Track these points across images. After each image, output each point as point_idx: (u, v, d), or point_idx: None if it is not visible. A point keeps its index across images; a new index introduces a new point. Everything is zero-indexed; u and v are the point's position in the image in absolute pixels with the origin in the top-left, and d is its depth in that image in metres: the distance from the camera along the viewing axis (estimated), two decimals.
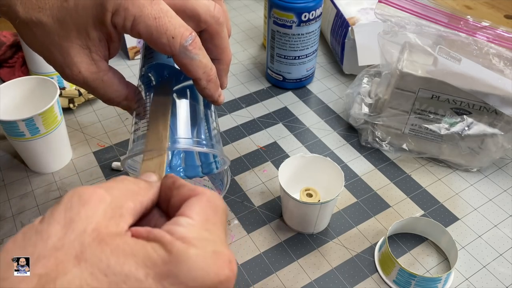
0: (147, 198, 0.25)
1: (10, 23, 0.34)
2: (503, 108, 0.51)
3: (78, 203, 0.22)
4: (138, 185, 0.25)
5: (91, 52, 0.33)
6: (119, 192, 0.23)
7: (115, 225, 0.22)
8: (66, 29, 0.32)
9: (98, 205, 0.22)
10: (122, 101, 0.37)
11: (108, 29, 0.33)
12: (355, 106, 0.62)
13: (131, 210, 0.23)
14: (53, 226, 0.21)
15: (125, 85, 0.37)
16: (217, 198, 0.26)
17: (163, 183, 0.27)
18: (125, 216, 0.23)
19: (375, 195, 0.56)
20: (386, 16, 0.56)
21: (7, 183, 0.58)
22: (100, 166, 0.60)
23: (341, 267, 0.48)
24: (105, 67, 0.35)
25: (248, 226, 0.52)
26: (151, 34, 0.31)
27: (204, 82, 0.35)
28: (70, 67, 0.33)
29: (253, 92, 0.72)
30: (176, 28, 0.32)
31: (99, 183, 0.24)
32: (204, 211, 0.24)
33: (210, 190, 0.26)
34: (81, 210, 0.21)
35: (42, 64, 0.66)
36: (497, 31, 0.54)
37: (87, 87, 0.35)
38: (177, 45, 0.32)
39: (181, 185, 0.26)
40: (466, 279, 0.47)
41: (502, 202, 0.55)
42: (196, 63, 0.33)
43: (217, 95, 0.37)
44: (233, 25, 0.89)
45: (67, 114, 0.67)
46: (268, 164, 0.60)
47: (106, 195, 0.22)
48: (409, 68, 0.54)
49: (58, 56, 0.33)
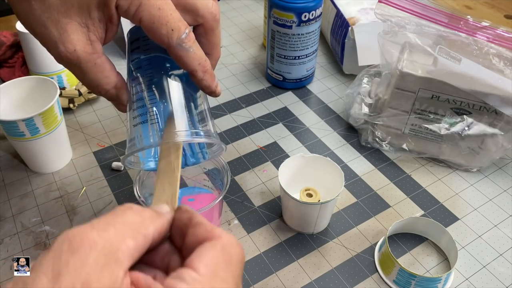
0: (153, 229, 0.23)
1: (10, 23, 0.34)
2: (503, 108, 0.51)
3: (67, 252, 0.20)
4: (142, 215, 0.23)
5: (89, 31, 0.33)
6: (115, 230, 0.21)
7: (109, 275, 0.20)
8: (68, 5, 0.32)
9: (89, 253, 0.20)
10: (111, 89, 0.36)
11: (110, 11, 0.33)
12: (355, 106, 0.62)
13: (129, 250, 0.21)
14: (40, 279, 0.19)
15: (115, 73, 0.36)
16: (234, 246, 0.23)
17: (179, 219, 0.25)
18: (121, 261, 0.21)
19: (375, 195, 0.56)
20: (386, 16, 0.56)
21: (7, 183, 0.58)
22: (100, 166, 0.60)
23: (341, 267, 0.48)
24: (100, 49, 0.34)
25: (248, 226, 0.52)
26: (152, 23, 0.32)
27: (201, 74, 0.35)
28: (65, 44, 0.32)
29: (253, 92, 0.72)
30: (176, 22, 0.33)
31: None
32: (215, 263, 0.22)
33: (229, 234, 0.24)
34: (69, 260, 0.19)
35: (42, 64, 0.66)
36: (497, 31, 0.54)
37: (78, 69, 0.34)
38: (174, 37, 0.33)
39: (197, 224, 0.24)
40: (466, 279, 0.47)
41: (502, 202, 0.55)
42: (191, 55, 0.34)
43: (214, 85, 0.37)
44: (233, 25, 0.89)
45: (67, 114, 0.67)
46: (268, 164, 0.60)
47: (98, 239, 0.20)
48: (409, 68, 0.54)
49: (53, 32, 0.32)
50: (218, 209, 0.49)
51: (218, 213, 0.49)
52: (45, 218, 0.53)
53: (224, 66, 0.78)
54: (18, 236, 0.52)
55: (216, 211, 0.48)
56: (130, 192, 0.56)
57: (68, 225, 0.53)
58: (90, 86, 0.36)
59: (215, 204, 0.45)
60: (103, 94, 0.37)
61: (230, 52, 0.81)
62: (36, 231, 0.52)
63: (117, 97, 0.37)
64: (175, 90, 0.36)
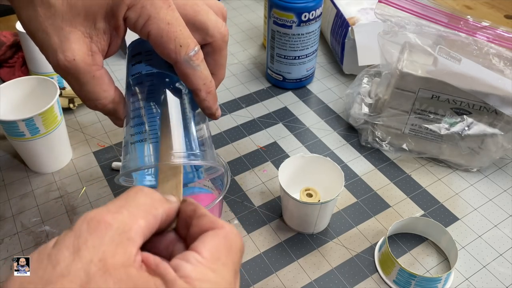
0: (162, 210, 0.25)
1: (10, 23, 0.34)
2: (503, 108, 0.51)
3: (86, 231, 0.22)
4: (152, 197, 0.25)
5: (91, 42, 0.32)
6: (128, 212, 0.23)
7: (123, 252, 0.22)
8: (74, 13, 0.31)
9: (105, 232, 0.22)
10: (108, 104, 0.35)
11: (117, 22, 0.32)
12: (355, 106, 0.62)
13: (141, 229, 0.23)
14: (62, 252, 0.21)
15: (114, 87, 0.35)
16: (235, 236, 0.25)
17: (184, 210, 0.27)
18: (133, 239, 0.23)
19: (375, 195, 0.56)
20: (386, 16, 0.56)
21: (7, 183, 0.58)
22: (100, 166, 0.60)
23: (341, 267, 0.48)
24: (100, 62, 0.34)
25: (248, 226, 0.52)
26: (161, 37, 0.32)
27: (204, 94, 0.35)
28: (65, 53, 0.31)
29: (253, 92, 0.72)
30: (185, 38, 0.33)
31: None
32: (217, 248, 0.24)
33: (230, 225, 0.26)
34: (88, 239, 0.22)
35: (42, 64, 0.66)
36: (497, 31, 0.54)
37: (75, 80, 0.33)
38: (182, 53, 0.33)
39: (201, 215, 0.26)
40: (466, 279, 0.47)
41: (502, 202, 0.55)
42: (198, 74, 0.34)
43: (215, 108, 0.37)
44: (233, 25, 0.89)
45: (67, 114, 0.67)
46: (268, 164, 0.60)
47: (113, 221, 0.23)
48: (409, 68, 0.54)
49: (54, 39, 0.31)
50: (218, 209, 0.49)
51: (218, 213, 0.49)
52: (45, 218, 0.53)
53: None
54: (18, 236, 0.52)
55: (216, 211, 0.48)
56: None
57: (68, 225, 0.53)
58: (87, 99, 0.35)
59: (215, 204, 0.45)
60: (100, 109, 0.35)
61: (230, 52, 0.81)
62: (36, 231, 0.52)
63: (114, 112, 0.36)
64: (174, 110, 0.35)
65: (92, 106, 0.35)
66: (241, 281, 0.47)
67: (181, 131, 0.34)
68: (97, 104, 0.35)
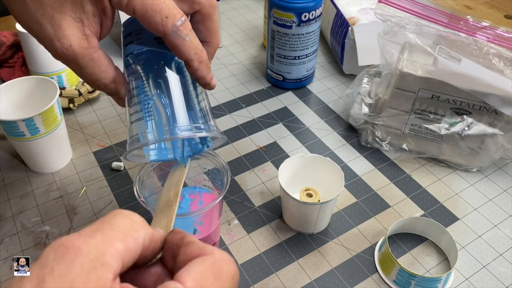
0: (143, 233, 0.23)
1: (10, 23, 0.34)
2: (503, 108, 0.51)
3: (53, 260, 0.20)
4: (131, 218, 0.23)
5: (83, 26, 0.33)
6: (102, 235, 0.21)
7: (95, 280, 0.20)
8: (61, 0, 0.32)
9: (74, 260, 0.20)
10: (110, 84, 0.36)
11: (103, 3, 0.33)
12: (355, 106, 0.62)
13: (118, 253, 0.21)
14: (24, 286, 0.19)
15: (113, 67, 0.36)
16: (226, 262, 0.23)
17: (171, 240, 0.25)
18: (109, 264, 0.20)
19: (375, 195, 0.56)
20: (386, 16, 0.56)
21: (7, 183, 0.58)
22: (100, 166, 0.60)
23: (341, 267, 0.48)
24: (95, 44, 0.34)
25: (248, 226, 0.52)
26: (146, 11, 0.32)
27: (196, 63, 0.35)
28: (61, 40, 0.32)
29: (253, 92, 0.72)
30: (169, 9, 0.32)
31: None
32: (202, 276, 0.22)
33: (222, 251, 0.24)
34: (55, 268, 0.20)
35: (42, 64, 0.66)
36: (497, 31, 0.54)
37: (75, 64, 0.34)
38: (169, 25, 0.32)
39: (189, 242, 0.24)
40: (466, 279, 0.47)
41: (502, 202, 0.55)
42: (187, 44, 0.34)
43: (209, 77, 0.37)
44: (233, 25, 0.89)
45: (67, 114, 0.67)
46: (268, 164, 0.60)
47: (83, 246, 0.20)
48: (409, 68, 0.54)
49: (48, 28, 0.32)
50: (218, 209, 0.49)
51: (218, 213, 0.49)
52: (45, 218, 0.53)
53: (224, 66, 0.78)
54: (18, 236, 0.52)
55: (216, 211, 0.48)
56: (130, 192, 0.56)
57: (68, 225, 0.53)
58: (89, 81, 0.36)
59: (215, 204, 0.45)
60: (102, 89, 0.36)
61: (230, 52, 0.81)
62: (36, 231, 0.52)
63: (116, 91, 0.37)
64: (173, 84, 0.36)
65: (95, 87, 0.36)
66: (241, 281, 0.47)
67: (182, 105, 0.35)
68: (99, 84, 0.36)
